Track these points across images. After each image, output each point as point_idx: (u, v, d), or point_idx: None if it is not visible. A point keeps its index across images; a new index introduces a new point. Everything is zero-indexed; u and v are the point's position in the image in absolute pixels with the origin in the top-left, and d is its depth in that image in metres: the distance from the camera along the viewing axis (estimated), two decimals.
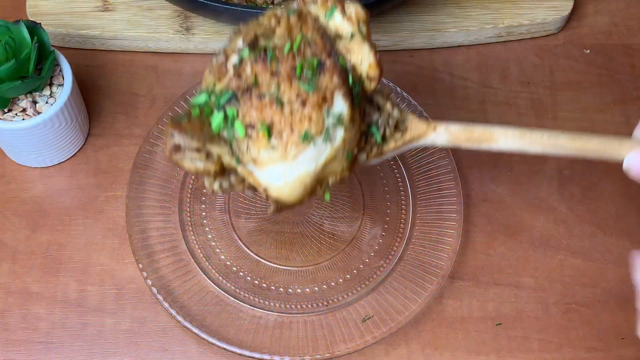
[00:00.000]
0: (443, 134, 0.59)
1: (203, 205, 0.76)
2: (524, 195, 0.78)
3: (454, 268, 0.74)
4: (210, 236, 0.74)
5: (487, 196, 0.78)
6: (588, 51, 0.87)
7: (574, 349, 0.71)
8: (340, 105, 0.53)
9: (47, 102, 0.72)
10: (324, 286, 0.72)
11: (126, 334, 0.70)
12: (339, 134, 0.53)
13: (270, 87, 0.52)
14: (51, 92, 0.73)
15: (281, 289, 0.72)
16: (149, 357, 0.70)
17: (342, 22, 0.55)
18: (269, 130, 0.51)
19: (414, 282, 0.71)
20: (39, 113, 0.72)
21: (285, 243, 0.75)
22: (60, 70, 0.74)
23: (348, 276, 0.73)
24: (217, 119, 0.52)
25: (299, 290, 0.72)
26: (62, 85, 0.73)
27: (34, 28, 0.71)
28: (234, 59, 0.53)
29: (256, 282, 0.72)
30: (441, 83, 0.85)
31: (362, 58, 0.54)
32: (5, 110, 0.72)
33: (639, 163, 0.57)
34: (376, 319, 0.69)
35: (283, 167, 0.52)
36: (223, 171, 0.54)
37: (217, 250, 0.74)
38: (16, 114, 0.72)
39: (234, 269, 0.73)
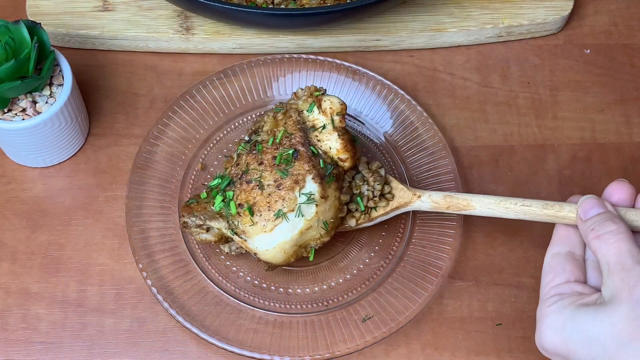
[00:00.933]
0: (427, 201, 0.69)
1: None
2: (524, 195, 0.78)
3: (454, 268, 0.74)
4: None
5: None
6: (588, 51, 0.87)
7: None
8: (311, 186, 0.65)
9: (47, 102, 0.72)
10: (324, 286, 0.72)
11: (126, 334, 0.70)
12: (311, 209, 0.65)
13: (256, 174, 0.66)
14: (51, 92, 0.73)
15: (281, 289, 0.72)
16: (149, 357, 0.70)
17: (318, 115, 0.68)
18: (251, 209, 0.65)
19: (414, 282, 0.71)
20: (38, 113, 0.72)
21: None
22: (60, 70, 0.74)
23: (348, 276, 0.73)
24: (218, 200, 0.67)
25: (299, 291, 0.72)
26: (62, 85, 0.73)
27: (33, 28, 0.71)
28: (236, 153, 0.69)
29: (256, 282, 0.72)
30: (441, 83, 0.85)
31: (330, 145, 0.68)
32: (5, 110, 0.71)
33: (586, 205, 0.58)
34: (376, 319, 0.69)
35: (264, 238, 0.65)
36: (224, 240, 0.69)
37: (217, 250, 0.74)
38: (16, 114, 0.71)
39: (234, 269, 0.73)
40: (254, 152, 0.67)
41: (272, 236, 0.65)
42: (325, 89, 0.71)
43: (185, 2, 0.80)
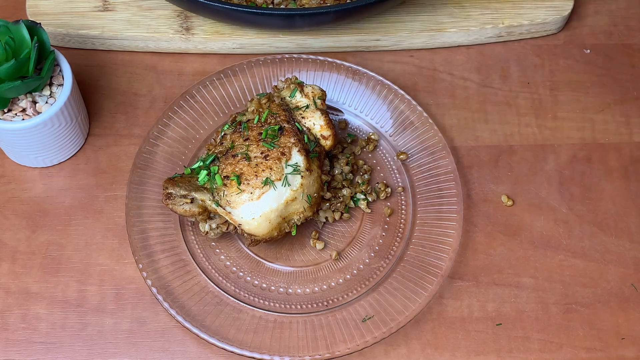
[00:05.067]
0: None
1: None
2: (524, 195, 0.78)
3: (454, 268, 0.74)
4: None
5: (487, 196, 0.78)
6: (588, 51, 0.87)
7: (574, 349, 0.71)
8: (297, 158, 0.69)
9: (47, 102, 0.72)
10: (324, 286, 0.72)
11: (126, 334, 0.70)
12: (297, 180, 0.68)
13: (242, 149, 0.69)
14: (51, 92, 0.73)
15: (281, 289, 0.72)
16: (149, 357, 0.70)
17: (301, 98, 0.73)
18: (239, 179, 0.67)
19: (414, 282, 0.71)
20: (38, 113, 0.72)
21: (285, 243, 0.75)
22: (60, 70, 0.74)
23: (348, 276, 0.73)
24: (202, 174, 0.69)
25: (299, 291, 0.72)
26: (62, 85, 0.73)
27: (33, 28, 0.71)
28: (221, 134, 0.72)
29: (256, 282, 0.72)
30: (441, 83, 0.85)
31: (314, 122, 0.72)
32: (5, 110, 0.72)
33: None
34: (376, 319, 0.69)
35: (251, 206, 0.67)
36: (207, 213, 0.69)
37: (217, 250, 0.74)
38: (16, 114, 0.71)
39: (234, 269, 0.73)
40: (239, 130, 0.70)
41: (258, 204, 0.67)
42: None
43: (185, 2, 0.80)
